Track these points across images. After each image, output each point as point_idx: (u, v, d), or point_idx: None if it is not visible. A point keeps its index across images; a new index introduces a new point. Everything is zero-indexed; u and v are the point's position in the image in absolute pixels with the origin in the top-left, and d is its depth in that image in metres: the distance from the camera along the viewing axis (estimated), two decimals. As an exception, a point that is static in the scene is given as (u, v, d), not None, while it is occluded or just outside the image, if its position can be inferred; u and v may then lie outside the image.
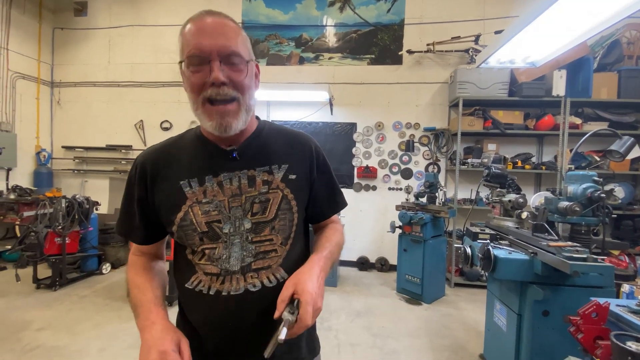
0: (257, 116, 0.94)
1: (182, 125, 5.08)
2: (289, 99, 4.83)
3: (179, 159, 0.85)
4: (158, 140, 0.90)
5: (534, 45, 2.09)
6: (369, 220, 4.83)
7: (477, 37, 4.30)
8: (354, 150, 4.85)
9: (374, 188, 4.83)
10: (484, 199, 2.62)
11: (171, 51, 5.09)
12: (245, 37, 0.80)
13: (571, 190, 1.90)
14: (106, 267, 4.18)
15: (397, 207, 3.97)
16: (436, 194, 3.92)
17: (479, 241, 2.15)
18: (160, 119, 5.17)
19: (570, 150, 3.86)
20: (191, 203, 0.81)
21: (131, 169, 0.87)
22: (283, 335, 0.65)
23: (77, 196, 3.90)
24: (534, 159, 4.33)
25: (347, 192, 4.70)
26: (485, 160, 2.65)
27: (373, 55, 4.79)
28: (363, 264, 4.74)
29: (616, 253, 3.04)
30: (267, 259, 0.82)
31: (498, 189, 2.42)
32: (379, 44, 4.77)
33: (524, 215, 2.18)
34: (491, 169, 2.39)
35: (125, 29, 5.21)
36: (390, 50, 4.75)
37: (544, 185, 4.39)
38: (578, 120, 3.96)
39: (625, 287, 1.79)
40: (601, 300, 1.20)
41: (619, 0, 1.51)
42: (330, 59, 4.89)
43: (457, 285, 4.18)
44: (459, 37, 4.39)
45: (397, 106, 4.75)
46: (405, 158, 4.76)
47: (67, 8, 5.28)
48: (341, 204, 1.00)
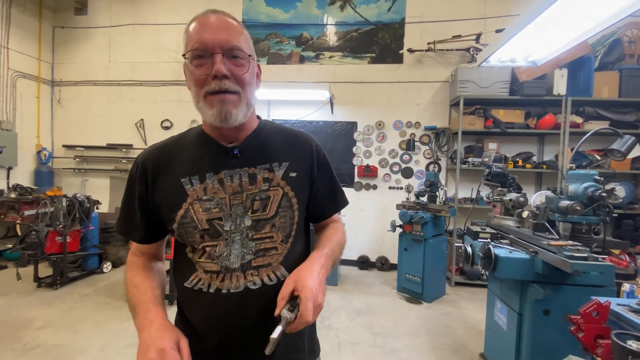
0: (258, 115, 0.95)
1: (183, 124, 5.08)
2: (289, 98, 4.83)
3: (180, 157, 0.85)
4: (158, 139, 0.90)
5: (535, 44, 2.09)
6: (370, 219, 4.83)
7: (478, 36, 4.29)
8: (354, 149, 4.84)
9: (375, 187, 4.83)
10: (485, 198, 2.62)
11: (172, 50, 5.09)
12: (247, 36, 0.81)
13: (572, 189, 1.90)
14: (107, 266, 4.19)
15: (398, 206, 3.97)
16: (437, 193, 3.92)
17: (479, 240, 2.15)
18: (161, 118, 5.17)
19: (571, 149, 3.86)
20: (192, 200, 0.80)
21: (132, 167, 0.87)
22: (276, 334, 0.64)
23: (78, 195, 3.90)
24: (534, 158, 4.32)
25: (348, 191, 4.70)
26: (486, 159, 2.65)
27: (374, 54, 4.79)
28: (363, 263, 4.74)
29: (617, 252, 3.03)
30: (268, 257, 0.82)
31: (499, 188, 2.41)
32: (379, 43, 4.76)
33: (525, 214, 2.18)
34: (492, 168, 2.39)
35: (126, 28, 5.21)
36: (391, 49, 4.74)
37: (545, 185, 4.39)
38: (579, 119, 3.95)
39: (625, 286, 1.79)
40: (602, 299, 1.20)
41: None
42: (330, 57, 4.88)
43: (458, 284, 4.18)
44: (459, 36, 4.38)
45: (398, 105, 4.75)
46: (405, 157, 4.75)
47: (68, 7, 5.27)
48: (342, 203, 1.00)
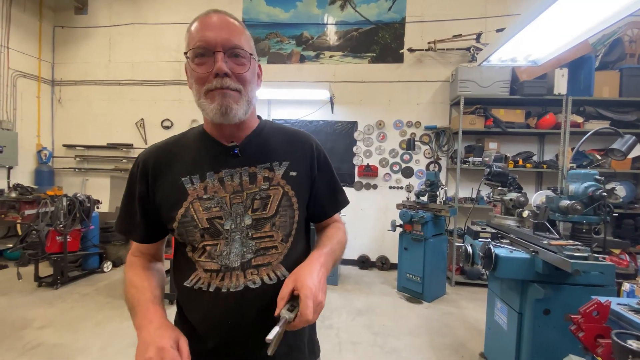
0: (259, 115, 0.95)
1: (183, 124, 5.08)
2: (289, 98, 4.83)
3: (181, 156, 0.85)
4: (159, 138, 0.90)
5: (536, 44, 2.08)
6: (370, 218, 4.83)
7: (479, 35, 4.29)
8: (354, 148, 4.84)
9: (375, 187, 4.82)
10: (485, 198, 2.62)
11: (172, 49, 5.09)
12: (248, 36, 0.82)
13: (572, 189, 1.90)
14: (107, 266, 4.19)
15: (398, 206, 3.97)
16: (437, 193, 3.92)
17: (480, 240, 2.15)
18: (161, 117, 5.16)
19: (572, 149, 3.85)
20: (192, 199, 0.81)
21: (133, 166, 0.87)
22: (271, 336, 0.63)
23: (78, 194, 3.90)
24: (535, 158, 4.32)
25: (348, 191, 4.68)
26: (487, 158, 2.64)
27: (374, 54, 4.78)
28: (364, 263, 4.74)
29: (617, 252, 3.03)
30: (268, 256, 0.82)
31: (499, 188, 2.41)
32: (380, 42, 4.76)
33: (525, 214, 2.17)
34: (492, 168, 2.39)
35: (126, 27, 5.20)
36: (391, 48, 4.74)
37: (545, 184, 4.39)
38: (579, 119, 3.95)
39: (626, 286, 1.79)
40: (602, 299, 1.20)
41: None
42: (331, 57, 4.88)
43: (458, 283, 4.18)
44: (460, 35, 4.37)
45: (398, 104, 4.74)
46: (406, 157, 4.75)
47: (68, 6, 5.27)
48: (343, 202, 1.00)
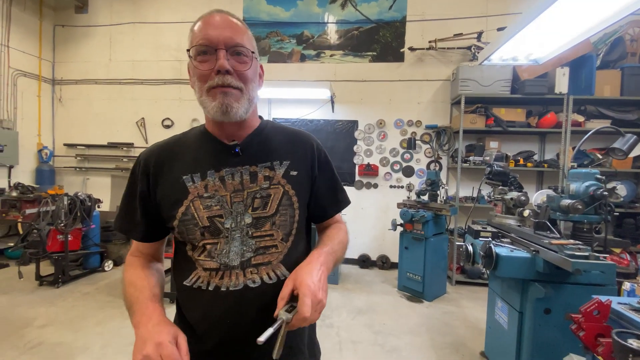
0: (260, 116, 0.95)
1: (184, 123, 5.09)
2: (290, 97, 4.82)
3: (182, 155, 0.86)
4: (159, 137, 0.91)
5: (537, 42, 2.08)
6: (371, 218, 4.83)
7: (480, 34, 4.28)
8: (355, 147, 4.84)
9: (376, 186, 4.82)
10: (486, 197, 2.62)
11: (172, 48, 5.08)
12: (251, 36, 0.82)
13: (573, 188, 1.90)
14: (108, 265, 4.20)
15: (399, 205, 3.97)
16: (438, 192, 3.92)
17: (480, 239, 2.15)
18: (162, 116, 5.16)
19: (573, 148, 3.85)
20: (193, 197, 0.81)
21: (134, 164, 0.87)
22: (263, 337, 0.62)
23: (79, 194, 3.91)
24: (536, 157, 4.32)
25: (349, 190, 4.68)
26: (487, 158, 2.64)
27: (375, 53, 4.78)
28: (364, 262, 4.74)
29: (617, 251, 3.03)
30: (267, 255, 0.82)
31: (500, 187, 2.41)
32: (380, 41, 4.75)
33: (526, 213, 2.17)
34: (493, 167, 2.39)
35: (126, 27, 5.20)
36: (392, 47, 4.73)
37: (546, 183, 4.38)
38: (581, 118, 3.94)
39: (626, 285, 1.79)
40: (603, 298, 1.21)
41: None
42: (331, 56, 4.87)
43: (459, 283, 4.19)
44: (461, 34, 4.37)
45: (399, 104, 4.74)
46: (406, 156, 4.75)
47: (68, 5, 5.26)
48: (344, 202, 1.00)
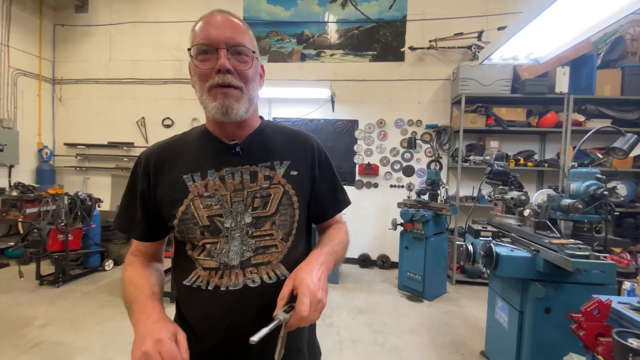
0: (261, 116, 0.95)
1: (184, 122, 5.08)
2: (290, 96, 4.82)
3: (183, 154, 0.86)
4: (160, 137, 0.91)
5: (538, 42, 2.07)
6: (371, 217, 4.83)
7: (480, 34, 4.27)
8: (355, 147, 4.84)
9: (376, 185, 4.82)
10: (486, 197, 2.62)
11: (172, 48, 5.08)
12: (252, 36, 0.82)
13: (574, 187, 1.90)
14: (109, 264, 4.20)
15: (399, 205, 3.97)
16: (438, 192, 3.92)
17: (481, 239, 2.15)
18: (162, 116, 5.16)
19: (573, 148, 3.85)
20: (193, 197, 0.81)
21: (135, 164, 0.88)
22: (256, 337, 0.61)
23: (80, 193, 3.91)
24: (536, 157, 4.32)
25: (349, 190, 4.69)
26: (488, 157, 2.64)
27: (375, 52, 4.77)
28: (364, 261, 4.75)
29: (618, 250, 3.03)
30: (267, 254, 0.82)
31: (500, 187, 2.41)
32: (381, 41, 4.75)
33: (526, 212, 2.17)
34: (493, 167, 2.39)
35: (126, 26, 5.20)
36: (393, 46, 4.72)
37: (547, 183, 4.38)
38: (581, 118, 3.94)
39: (626, 285, 1.79)
40: (603, 298, 1.21)
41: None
42: (332, 55, 4.87)
43: (459, 282, 4.19)
44: (461, 34, 4.36)
45: (399, 103, 4.74)
46: (407, 155, 4.75)
47: (68, 5, 5.26)
48: (344, 202, 1.00)
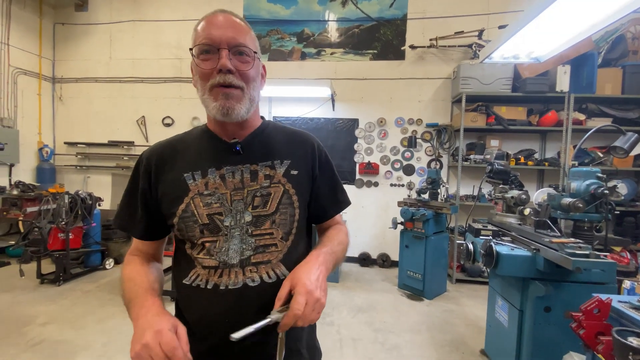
0: (262, 116, 0.96)
1: (184, 121, 5.08)
2: (290, 95, 4.81)
3: (184, 153, 0.86)
4: (160, 136, 0.91)
5: (538, 40, 2.07)
6: (371, 216, 4.83)
7: (481, 32, 4.26)
8: (355, 146, 4.84)
9: (376, 184, 4.82)
10: (487, 196, 2.62)
11: (172, 47, 5.08)
12: (254, 37, 0.83)
13: (574, 186, 1.90)
14: (109, 263, 4.21)
15: (399, 204, 3.97)
16: (438, 190, 3.92)
17: (481, 237, 2.15)
18: (162, 114, 5.16)
19: (574, 147, 3.84)
20: (193, 195, 0.81)
21: (137, 162, 0.88)
22: (238, 335, 0.60)
23: (80, 192, 3.91)
24: (537, 155, 4.31)
25: (349, 188, 4.70)
26: (488, 156, 2.65)
27: (375, 51, 4.76)
28: (365, 260, 4.75)
29: (618, 249, 3.04)
30: (267, 253, 0.82)
31: (501, 185, 2.41)
32: (381, 39, 4.74)
33: (527, 211, 2.17)
34: (494, 165, 2.39)
35: (126, 24, 5.19)
36: (393, 45, 4.72)
37: (547, 182, 4.38)
38: (582, 116, 3.93)
39: (626, 283, 1.79)
40: (603, 297, 1.21)
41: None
42: (332, 54, 4.86)
43: (459, 281, 4.19)
44: (462, 32, 4.35)
45: (400, 102, 4.73)
46: (407, 154, 4.75)
47: (68, 3, 5.25)
48: (344, 203, 1.00)
